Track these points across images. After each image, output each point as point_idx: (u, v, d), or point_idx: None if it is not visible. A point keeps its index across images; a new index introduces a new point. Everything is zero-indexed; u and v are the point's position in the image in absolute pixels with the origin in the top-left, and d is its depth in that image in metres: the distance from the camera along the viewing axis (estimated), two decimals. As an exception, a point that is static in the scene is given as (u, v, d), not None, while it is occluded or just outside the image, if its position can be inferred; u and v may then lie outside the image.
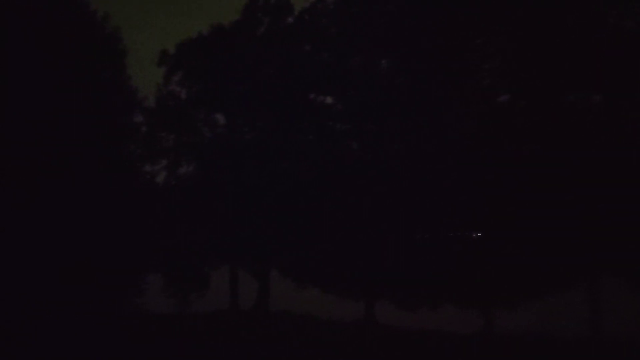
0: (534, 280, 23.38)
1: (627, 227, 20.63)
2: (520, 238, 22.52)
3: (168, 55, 31.09)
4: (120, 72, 28.92)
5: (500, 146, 23.79)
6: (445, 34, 25.09)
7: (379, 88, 26.12)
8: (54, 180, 22.65)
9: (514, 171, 22.86)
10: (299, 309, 27.80)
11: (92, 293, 23.91)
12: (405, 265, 24.35)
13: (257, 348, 21.25)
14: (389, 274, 25.10)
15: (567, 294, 23.98)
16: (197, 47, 30.56)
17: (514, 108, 24.95)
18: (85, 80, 25.34)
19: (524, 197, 22.46)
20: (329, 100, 28.95)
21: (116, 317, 25.17)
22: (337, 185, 25.65)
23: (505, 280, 23.49)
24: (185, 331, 24.60)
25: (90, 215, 23.43)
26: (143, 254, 27.35)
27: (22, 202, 21.48)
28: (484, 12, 24.68)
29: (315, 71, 27.70)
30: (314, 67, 27.87)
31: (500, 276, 23.42)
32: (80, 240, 22.90)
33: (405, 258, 24.50)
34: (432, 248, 25.09)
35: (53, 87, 23.60)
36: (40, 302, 21.29)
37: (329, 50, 28.39)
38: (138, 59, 29.88)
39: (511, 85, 25.03)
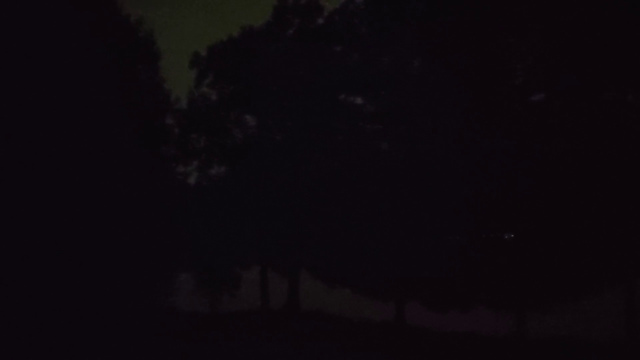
0: (569, 282, 22.93)
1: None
2: (555, 239, 22.13)
3: (200, 57, 31.45)
4: (154, 75, 29.42)
5: (535, 146, 23.41)
6: (477, 33, 24.80)
7: (410, 88, 25.95)
8: (90, 181, 23.10)
9: (548, 171, 22.47)
10: (329, 309, 27.82)
11: (127, 292, 24.36)
12: (437, 266, 24.15)
13: (286, 347, 21.33)
14: (420, 275, 24.94)
15: (602, 297, 23.44)
16: (228, 50, 30.84)
17: (548, 107, 24.52)
18: (120, 83, 25.80)
19: (558, 197, 22.08)
20: (359, 100, 28.90)
21: (149, 315, 25.56)
22: (368, 186, 25.57)
23: (539, 282, 23.09)
24: (216, 330, 24.83)
25: (125, 215, 23.85)
26: (175, 254, 27.73)
27: (59, 201, 21.92)
28: (516, 10, 24.33)
29: (345, 72, 27.66)
30: (344, 67, 27.84)
31: (534, 278, 23.03)
32: (116, 239, 23.33)
33: (437, 259, 24.29)
34: (465, 249, 24.82)
35: (90, 90, 24.07)
36: (76, 300, 21.72)
37: (359, 51, 28.32)
38: (171, 61, 30.36)
39: (545, 84, 24.59)
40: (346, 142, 27.80)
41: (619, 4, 22.45)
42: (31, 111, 20.52)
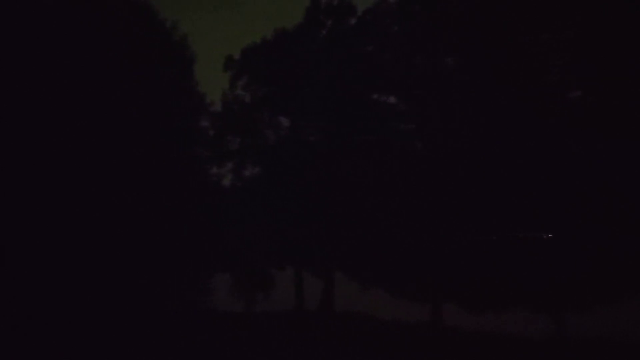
0: (610, 282, 22.34)
1: None
2: (596, 238, 21.59)
3: (233, 60, 31.84)
4: (189, 78, 29.88)
5: (571, 144, 22.91)
6: (511, 30, 24.41)
7: (443, 86, 25.71)
8: (127, 183, 23.52)
9: (586, 169, 21.95)
10: (364, 311, 27.72)
11: (164, 291, 24.75)
12: (474, 267, 23.82)
13: (321, 348, 21.31)
14: (456, 276, 24.65)
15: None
16: (261, 52, 31.14)
17: (585, 104, 23.97)
18: (155, 87, 26.26)
19: (597, 195, 21.54)
20: (392, 100, 28.79)
21: (186, 314, 25.90)
22: (402, 186, 25.41)
23: (579, 282, 22.56)
24: (251, 330, 24.99)
25: (161, 216, 24.24)
26: (211, 254, 28.05)
27: (97, 204, 22.35)
28: (551, 5, 23.86)
29: (378, 71, 27.58)
30: (377, 67, 27.76)
31: (573, 278, 22.51)
32: (152, 241, 23.72)
33: (474, 259, 23.97)
34: (503, 249, 24.42)
35: (126, 93, 24.52)
36: (115, 300, 22.12)
37: (392, 50, 28.19)
38: (205, 65, 30.81)
39: (581, 81, 24.04)
40: (379, 141, 27.70)
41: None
42: (70, 113, 21.03)
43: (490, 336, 23.38)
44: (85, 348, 18.53)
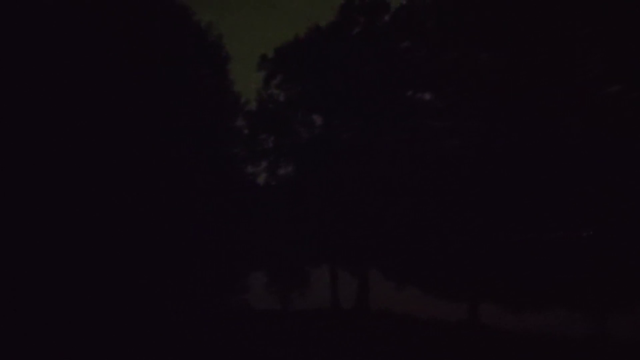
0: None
1: None
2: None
3: (267, 59, 32.03)
4: (224, 78, 30.16)
5: (611, 140, 22.30)
6: (549, 23, 23.89)
7: (479, 82, 25.32)
8: (164, 181, 23.83)
9: (630, 165, 21.34)
10: (399, 309, 27.49)
11: (200, 289, 25.01)
12: (512, 265, 23.41)
13: (357, 346, 21.21)
14: (494, 274, 24.25)
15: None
16: (294, 50, 31.21)
17: (625, 99, 23.29)
18: (191, 87, 26.57)
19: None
20: (427, 96, 28.51)
21: (222, 312, 26.11)
22: (438, 183, 25.14)
23: (621, 281, 21.93)
24: (287, 328, 25.05)
25: (198, 215, 24.51)
26: (246, 253, 28.25)
27: (133, 202, 22.67)
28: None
29: (413, 68, 27.32)
30: (412, 64, 27.51)
31: (615, 277, 21.90)
32: (189, 239, 24.00)
33: (512, 257, 23.56)
34: (542, 246, 23.93)
35: (163, 94, 24.85)
36: (151, 298, 22.43)
37: (427, 46, 27.90)
38: (239, 64, 31.07)
39: (621, 75, 23.35)
40: (414, 139, 27.46)
41: None
42: (113, 116, 21.43)
43: (528, 336, 22.91)
44: (129, 344, 18.79)
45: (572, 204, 22.44)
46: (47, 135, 17.58)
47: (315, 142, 30.87)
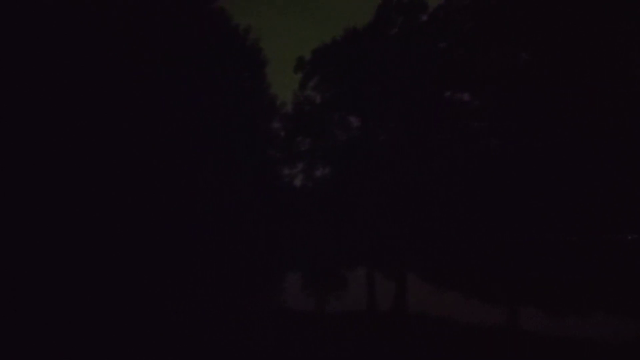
0: None
1: None
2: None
3: (304, 61, 32.12)
4: (261, 81, 30.34)
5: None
6: (591, 21, 23.20)
7: (519, 82, 24.78)
8: (202, 184, 24.06)
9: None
10: (437, 312, 27.14)
11: (239, 290, 25.13)
12: (554, 268, 22.75)
13: (395, 349, 20.96)
14: (535, 277, 23.63)
15: None
16: (331, 52, 31.23)
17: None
18: (229, 91, 26.80)
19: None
20: (465, 97, 28.08)
21: (261, 312, 26.19)
22: (476, 184, 24.69)
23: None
24: (323, 329, 24.98)
25: (236, 216, 24.66)
26: (283, 254, 28.30)
27: (170, 204, 22.91)
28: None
29: (451, 68, 26.94)
30: (450, 63, 27.12)
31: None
32: (228, 240, 24.17)
33: (554, 260, 22.90)
34: (585, 249, 23.21)
35: (200, 97, 25.12)
36: (189, 300, 22.61)
37: (465, 46, 27.47)
38: (277, 67, 31.25)
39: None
40: (453, 139, 27.07)
41: None
42: (155, 122, 21.77)
43: (570, 341, 22.29)
44: (171, 344, 18.93)
45: (618, 206, 21.71)
46: (77, 132, 17.90)
47: (352, 144, 30.76)
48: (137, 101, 21.19)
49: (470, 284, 26.17)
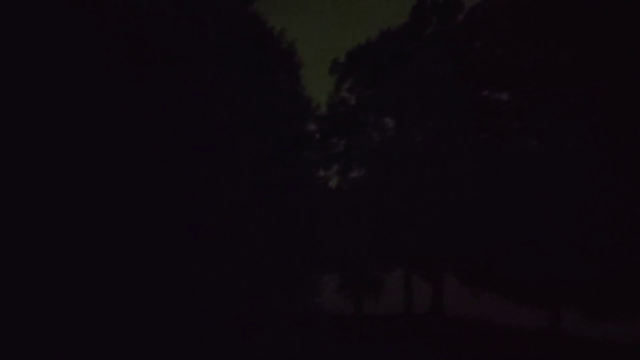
0: None
1: None
2: None
3: (339, 63, 32.18)
4: (296, 84, 30.48)
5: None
6: (635, 14, 22.66)
7: (558, 81, 24.35)
8: (237, 186, 24.32)
9: None
10: (476, 315, 26.79)
11: (274, 292, 25.34)
12: (596, 270, 22.28)
13: (432, 352, 20.85)
14: (576, 280, 23.18)
15: None
16: (366, 53, 31.22)
17: None
18: (264, 93, 27.03)
19: None
20: (503, 96, 27.69)
21: (297, 315, 26.36)
22: (515, 184, 24.35)
23: None
24: (360, 332, 24.98)
25: (271, 218, 24.84)
26: (319, 256, 28.39)
27: (204, 206, 23.17)
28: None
29: (488, 67, 26.66)
30: (487, 63, 26.84)
31: None
32: (262, 242, 24.37)
33: (597, 262, 22.42)
34: (630, 250, 22.63)
35: (234, 100, 25.40)
36: (227, 302, 22.88)
37: (503, 46, 27.14)
38: (311, 69, 31.40)
39: None
40: (491, 140, 26.77)
41: None
42: (191, 124, 22.10)
43: (614, 346, 21.75)
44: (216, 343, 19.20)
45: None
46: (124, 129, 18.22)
47: (388, 145, 30.68)
48: (174, 104, 21.56)
49: (509, 286, 25.85)
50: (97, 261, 15.59)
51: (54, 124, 15.07)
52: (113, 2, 17.85)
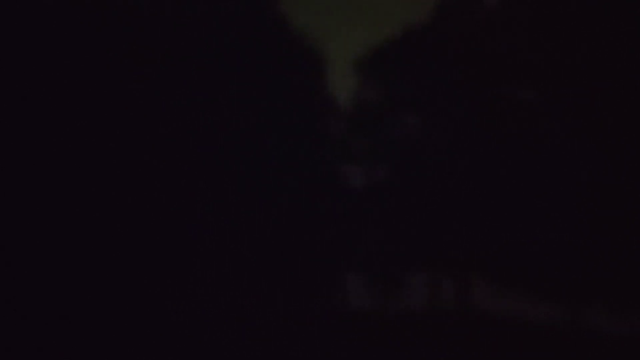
0: None
1: None
2: None
3: (363, 60, 32.06)
4: (320, 82, 30.54)
5: None
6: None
7: (587, 77, 24.02)
8: (266, 184, 24.50)
9: None
10: (504, 313, 26.62)
11: (300, 289, 25.50)
12: (623, 267, 21.97)
13: (458, 350, 20.84)
14: (600, 276, 22.87)
15: None
16: (390, 50, 31.07)
17: None
18: (288, 91, 27.17)
19: None
20: (530, 94, 27.37)
21: (322, 313, 26.44)
22: (542, 182, 24.12)
23: None
24: (386, 329, 25.02)
25: (295, 217, 24.97)
26: (345, 255, 28.43)
27: (240, 204, 23.37)
28: None
29: (514, 64, 26.40)
30: (512, 59, 26.58)
31: None
32: (287, 241, 24.52)
33: (625, 259, 22.10)
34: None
35: (261, 98, 25.59)
36: (256, 300, 23.05)
37: (529, 41, 26.84)
38: (335, 66, 31.34)
39: None
40: (519, 137, 26.50)
41: None
42: (216, 120, 22.35)
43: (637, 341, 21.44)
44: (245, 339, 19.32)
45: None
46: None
47: (412, 144, 30.53)
48: (202, 101, 21.83)
49: (536, 283, 25.56)
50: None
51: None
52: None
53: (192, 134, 20.61)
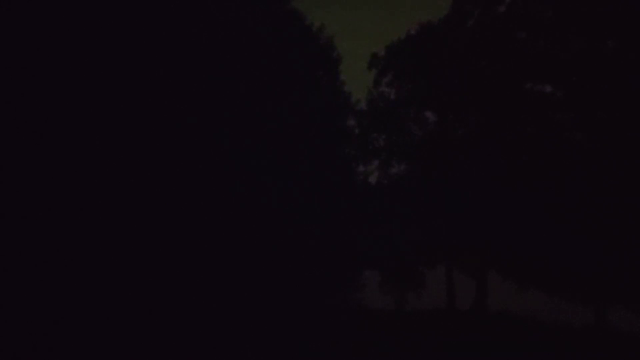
0: None
1: None
2: None
3: (378, 58, 31.95)
4: (335, 79, 30.44)
5: None
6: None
7: (606, 71, 23.58)
8: (275, 182, 24.48)
9: None
10: (521, 311, 26.38)
11: (314, 288, 25.47)
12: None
13: (475, 349, 20.64)
14: (623, 276, 22.47)
15: None
16: (406, 47, 30.91)
17: None
18: (303, 89, 27.11)
19: None
20: (547, 88, 26.97)
21: (339, 310, 26.42)
22: (562, 179, 23.73)
23: None
24: (402, 328, 24.92)
25: (311, 214, 24.94)
26: (358, 252, 28.33)
27: (249, 203, 23.37)
28: None
29: (532, 59, 26.01)
30: (530, 55, 26.20)
31: None
32: (302, 239, 24.50)
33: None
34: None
35: (271, 96, 25.57)
36: (268, 299, 23.09)
37: (546, 36, 26.44)
38: (350, 63, 31.26)
39: None
40: (536, 132, 26.13)
41: None
42: (231, 120, 22.39)
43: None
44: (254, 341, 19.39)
45: None
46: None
47: (429, 140, 30.36)
48: (214, 101, 21.84)
49: (553, 281, 25.26)
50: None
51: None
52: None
53: (206, 130, 20.66)
